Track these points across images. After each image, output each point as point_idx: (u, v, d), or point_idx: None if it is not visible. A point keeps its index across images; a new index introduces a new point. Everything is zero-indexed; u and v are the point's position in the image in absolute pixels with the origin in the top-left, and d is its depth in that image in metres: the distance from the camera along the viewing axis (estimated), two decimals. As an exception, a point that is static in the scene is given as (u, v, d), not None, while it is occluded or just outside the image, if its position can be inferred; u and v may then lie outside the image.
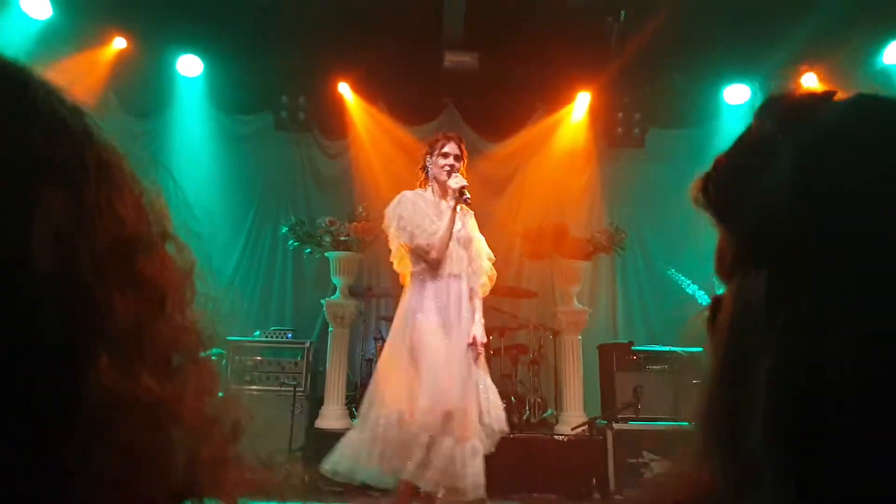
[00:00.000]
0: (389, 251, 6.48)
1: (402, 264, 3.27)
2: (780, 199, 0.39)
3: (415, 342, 3.01)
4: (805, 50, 5.98)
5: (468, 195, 3.08)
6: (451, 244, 3.07)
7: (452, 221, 3.05)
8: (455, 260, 3.12)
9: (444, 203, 3.13)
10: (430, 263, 3.08)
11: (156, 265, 0.40)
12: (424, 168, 3.25)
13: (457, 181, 3.05)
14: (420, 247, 3.04)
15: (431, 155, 3.21)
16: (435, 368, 2.92)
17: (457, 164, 3.13)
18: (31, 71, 0.39)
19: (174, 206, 0.44)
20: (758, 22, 5.78)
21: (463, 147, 3.24)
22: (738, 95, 6.73)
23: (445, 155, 3.13)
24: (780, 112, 0.44)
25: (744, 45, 6.08)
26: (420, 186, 3.26)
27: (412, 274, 3.18)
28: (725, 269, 0.43)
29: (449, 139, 3.21)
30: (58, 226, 0.35)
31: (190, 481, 0.39)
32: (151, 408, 0.37)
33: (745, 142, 0.45)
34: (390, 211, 3.18)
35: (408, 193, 3.20)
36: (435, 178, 3.18)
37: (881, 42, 5.91)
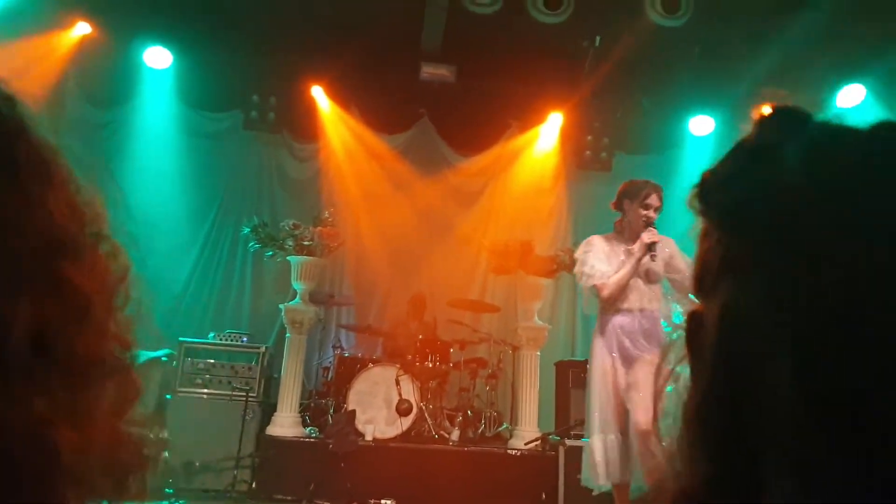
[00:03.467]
0: (353, 258, 6.49)
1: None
2: (788, 197, 0.39)
3: (593, 370, 3.33)
4: (765, 86, 6.22)
5: (655, 252, 3.16)
6: (635, 281, 3.22)
7: (632, 270, 3.20)
8: (640, 295, 3.23)
9: (634, 246, 3.22)
10: (605, 301, 3.27)
11: (83, 269, 0.38)
12: (621, 209, 3.34)
13: (649, 236, 3.14)
14: (595, 287, 3.25)
15: (632, 200, 3.27)
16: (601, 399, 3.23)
17: (654, 217, 3.22)
18: None
19: (114, 208, 0.42)
20: (722, 56, 5.99)
21: (662, 197, 3.27)
22: (702, 126, 6.93)
23: (647, 206, 3.20)
24: (783, 119, 0.45)
25: (710, 78, 6.30)
26: (617, 225, 3.40)
27: (600, 310, 3.34)
28: (710, 279, 0.43)
29: (655, 189, 3.26)
30: None
31: None
32: (42, 434, 0.34)
33: (744, 147, 0.45)
34: (578, 255, 3.43)
35: (595, 239, 3.40)
36: (631, 223, 3.28)
37: (835, 84, 6.19)
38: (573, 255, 5.61)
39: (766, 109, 0.47)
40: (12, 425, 0.33)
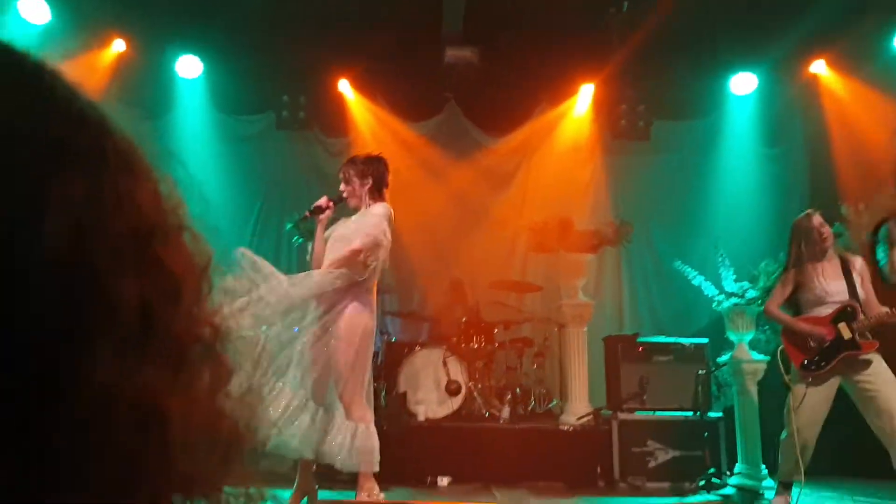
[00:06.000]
0: (392, 247, 6.65)
1: None
2: None
3: None
4: (813, 37, 5.91)
5: (308, 213, 3.51)
6: (330, 246, 3.41)
7: (316, 237, 3.48)
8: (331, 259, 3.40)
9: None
10: None
11: (173, 255, 0.39)
12: None
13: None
14: None
15: None
16: None
17: (343, 186, 3.54)
18: (46, 63, 0.39)
19: (189, 198, 0.43)
20: (764, 8, 5.72)
21: (346, 169, 3.59)
22: (744, 85, 6.65)
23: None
24: None
25: (750, 33, 6.02)
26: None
27: None
28: None
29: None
30: (76, 213, 0.34)
31: (189, 480, 0.38)
32: (152, 403, 0.35)
33: None
34: None
35: None
36: None
37: (892, 27, 5.82)
38: (616, 228, 5.56)
39: None
40: (125, 394, 0.34)
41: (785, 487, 3.81)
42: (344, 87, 6.54)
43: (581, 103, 6.80)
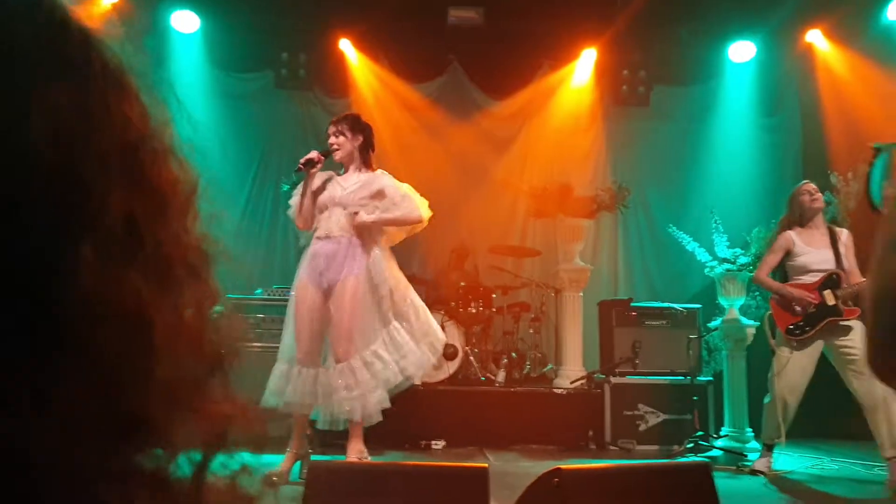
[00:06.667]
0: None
1: None
2: None
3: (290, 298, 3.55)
4: (810, 6, 5.88)
5: (302, 168, 3.48)
6: (330, 210, 3.41)
7: (301, 197, 3.47)
8: (331, 223, 3.40)
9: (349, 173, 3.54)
10: (299, 229, 3.59)
11: (160, 175, 0.39)
12: None
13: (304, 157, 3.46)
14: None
15: None
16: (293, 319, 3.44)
17: (333, 139, 3.53)
18: None
19: (179, 123, 0.43)
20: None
21: (338, 124, 3.56)
22: (742, 53, 6.63)
23: (328, 136, 3.56)
24: None
25: (749, 1, 5.97)
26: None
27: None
28: None
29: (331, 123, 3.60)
30: (60, 118, 0.34)
31: (170, 392, 0.37)
32: (137, 310, 0.35)
33: None
34: None
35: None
36: None
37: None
38: (612, 193, 5.60)
39: None
40: (110, 298, 0.34)
41: (768, 449, 4.00)
42: (345, 46, 6.40)
43: (583, 67, 6.73)
